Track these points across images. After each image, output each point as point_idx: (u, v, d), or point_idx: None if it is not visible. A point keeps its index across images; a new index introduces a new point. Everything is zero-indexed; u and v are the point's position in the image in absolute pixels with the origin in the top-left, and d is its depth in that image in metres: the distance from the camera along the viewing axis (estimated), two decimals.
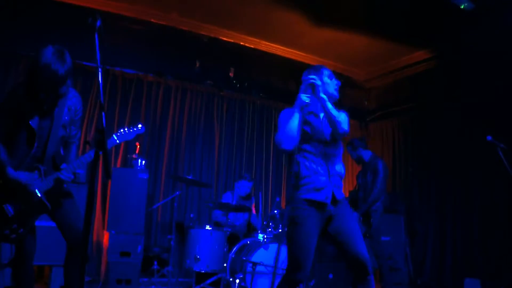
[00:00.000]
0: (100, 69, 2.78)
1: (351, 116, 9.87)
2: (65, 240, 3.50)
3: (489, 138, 4.85)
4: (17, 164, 3.34)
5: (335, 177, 3.46)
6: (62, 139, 3.54)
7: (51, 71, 3.16)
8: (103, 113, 2.73)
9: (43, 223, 3.61)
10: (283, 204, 8.47)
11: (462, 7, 6.01)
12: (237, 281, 5.52)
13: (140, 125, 3.81)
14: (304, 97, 3.44)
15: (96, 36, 2.78)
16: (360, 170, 6.57)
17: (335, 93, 3.68)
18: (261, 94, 8.60)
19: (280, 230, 6.18)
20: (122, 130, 3.70)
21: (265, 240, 6.00)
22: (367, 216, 6.09)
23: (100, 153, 2.60)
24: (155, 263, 6.56)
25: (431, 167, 8.07)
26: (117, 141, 3.67)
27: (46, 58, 3.16)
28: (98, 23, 2.79)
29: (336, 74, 8.75)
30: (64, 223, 3.49)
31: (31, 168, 3.36)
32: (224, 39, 7.79)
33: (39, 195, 3.32)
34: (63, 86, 3.34)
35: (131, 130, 3.73)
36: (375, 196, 6.07)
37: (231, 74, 8.01)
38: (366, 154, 6.44)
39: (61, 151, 3.58)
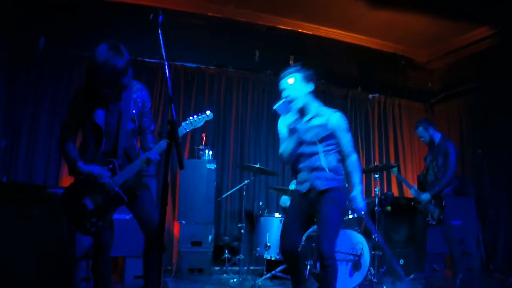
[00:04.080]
0: (166, 63, 2.84)
1: (415, 98, 9.70)
2: (143, 231, 3.58)
3: None
4: (89, 161, 3.44)
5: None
6: (133, 132, 3.60)
7: (111, 66, 3.19)
8: (172, 105, 2.79)
9: (115, 216, 3.71)
10: None
11: None
12: (308, 267, 5.53)
13: (208, 111, 3.81)
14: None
15: (159, 31, 2.84)
16: (428, 153, 6.40)
17: None
18: (322, 80, 8.53)
19: (350, 216, 6.13)
20: (191, 118, 3.71)
21: None
22: (439, 199, 5.94)
23: (173, 144, 2.66)
24: (226, 251, 6.68)
25: (501, 148, 7.76)
26: (186, 130, 3.68)
27: (103, 55, 3.20)
28: (160, 19, 2.86)
29: (398, 57, 8.59)
30: (141, 215, 3.58)
31: (104, 163, 3.45)
32: (282, 27, 7.79)
33: (115, 188, 3.43)
34: (125, 78, 3.37)
35: (199, 118, 3.73)
36: (448, 179, 5.88)
37: (291, 62, 7.99)
38: (436, 136, 6.25)
39: (135, 144, 3.65)
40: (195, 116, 3.73)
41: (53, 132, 6.67)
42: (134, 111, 3.55)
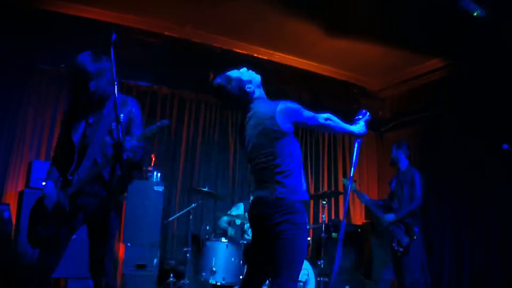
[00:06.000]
0: (116, 82, 2.78)
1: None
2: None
3: (505, 146, 4.80)
4: (70, 173, 3.39)
5: None
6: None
7: (80, 67, 3.25)
8: (119, 126, 2.72)
9: None
10: None
11: (475, 14, 5.99)
12: None
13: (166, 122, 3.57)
14: None
15: (111, 49, 2.79)
16: (393, 178, 6.41)
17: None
18: None
19: None
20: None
21: None
22: (407, 226, 5.93)
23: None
24: (171, 275, 6.53)
25: (447, 177, 7.94)
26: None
27: (78, 58, 3.29)
28: (114, 36, 2.80)
29: (350, 85, 8.67)
30: (92, 244, 3.42)
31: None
32: (238, 50, 7.82)
33: (55, 195, 3.33)
34: (92, 82, 3.33)
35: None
36: (414, 208, 5.90)
37: None
38: (403, 162, 6.27)
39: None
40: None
41: None
42: (113, 124, 3.41)
